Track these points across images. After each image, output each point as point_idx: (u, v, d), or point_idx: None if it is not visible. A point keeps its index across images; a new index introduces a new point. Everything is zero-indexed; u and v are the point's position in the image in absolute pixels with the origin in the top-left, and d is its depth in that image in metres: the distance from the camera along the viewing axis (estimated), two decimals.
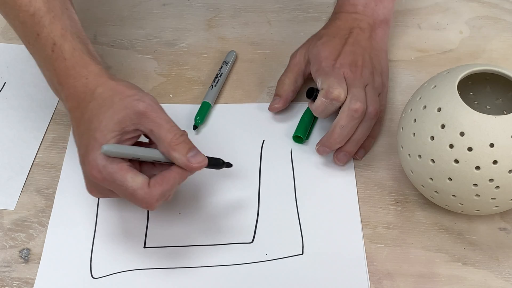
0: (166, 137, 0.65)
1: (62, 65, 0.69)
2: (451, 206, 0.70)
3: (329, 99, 0.75)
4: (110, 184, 0.64)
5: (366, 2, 0.84)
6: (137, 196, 0.64)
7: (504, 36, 0.93)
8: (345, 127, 0.75)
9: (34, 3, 0.69)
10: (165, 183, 0.65)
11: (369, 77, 0.79)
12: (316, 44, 0.82)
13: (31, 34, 0.70)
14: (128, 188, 0.63)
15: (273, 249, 0.72)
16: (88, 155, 0.64)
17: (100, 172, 0.64)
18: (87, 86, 0.68)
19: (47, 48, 0.69)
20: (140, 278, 0.70)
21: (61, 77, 0.69)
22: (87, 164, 0.64)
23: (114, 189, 0.65)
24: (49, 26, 0.69)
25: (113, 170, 0.63)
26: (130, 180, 0.64)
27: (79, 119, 0.67)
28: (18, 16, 0.70)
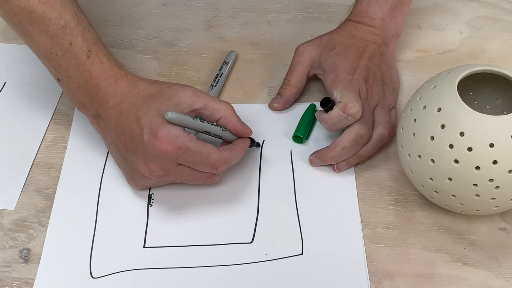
0: (221, 106, 0.72)
1: (99, 68, 0.73)
2: (451, 206, 0.70)
3: (346, 114, 0.75)
4: (184, 153, 0.68)
5: (384, 16, 0.84)
6: (210, 158, 0.70)
7: (504, 36, 0.94)
8: (346, 149, 0.76)
9: (64, 16, 0.72)
10: (233, 151, 0.72)
11: (380, 96, 0.79)
12: (331, 54, 0.82)
13: (61, 45, 0.72)
14: (203, 153, 0.69)
15: (272, 249, 0.72)
16: (157, 131, 0.68)
17: (174, 142, 0.68)
18: (129, 81, 0.73)
19: (82, 54, 0.72)
20: (139, 278, 0.70)
21: (98, 79, 0.72)
22: (158, 138, 0.67)
23: (187, 158, 0.68)
24: (82, 35, 0.73)
25: (186, 139, 0.68)
26: (203, 146, 0.69)
27: (128, 110, 0.71)
28: (47, 30, 0.72)
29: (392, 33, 0.85)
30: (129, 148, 0.71)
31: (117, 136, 0.72)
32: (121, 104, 0.71)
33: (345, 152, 0.76)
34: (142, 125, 0.69)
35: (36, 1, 0.72)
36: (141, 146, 0.69)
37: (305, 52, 0.84)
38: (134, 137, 0.70)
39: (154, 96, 0.71)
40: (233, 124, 0.73)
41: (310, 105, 0.84)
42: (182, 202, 0.76)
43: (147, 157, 0.69)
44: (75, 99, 0.75)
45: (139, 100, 0.71)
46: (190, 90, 0.72)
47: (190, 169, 0.70)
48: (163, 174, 0.70)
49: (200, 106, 0.71)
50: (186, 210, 0.75)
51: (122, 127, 0.71)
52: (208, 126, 0.72)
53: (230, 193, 0.76)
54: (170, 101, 0.70)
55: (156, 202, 0.76)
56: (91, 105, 0.74)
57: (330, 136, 0.81)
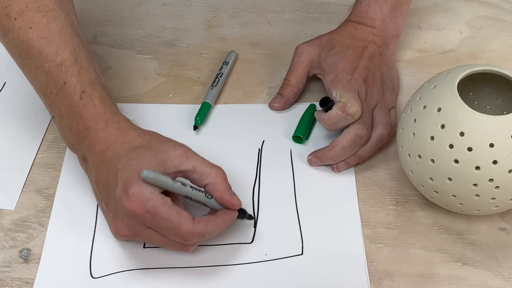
0: (211, 171, 0.67)
1: (91, 111, 0.70)
2: (451, 206, 0.70)
3: (345, 114, 0.75)
4: (152, 217, 0.64)
5: (383, 17, 0.84)
6: (180, 230, 0.64)
7: (504, 36, 0.94)
8: (345, 149, 0.76)
9: (61, 54, 0.70)
10: (209, 224, 0.66)
11: (379, 96, 0.79)
12: (330, 54, 0.82)
13: (56, 83, 0.70)
14: (173, 222, 0.64)
15: (272, 249, 0.72)
16: (129, 188, 0.64)
17: (143, 204, 0.63)
18: (120, 129, 0.69)
19: (75, 95, 0.70)
20: (139, 278, 0.70)
21: (89, 122, 0.69)
22: (128, 197, 0.64)
23: (155, 223, 0.64)
24: (77, 75, 0.70)
25: (158, 203, 0.64)
26: (175, 214, 0.64)
27: (110, 159, 0.67)
28: (43, 66, 0.70)
29: (392, 34, 0.85)
30: (103, 199, 0.68)
31: (96, 184, 0.69)
32: (106, 152, 0.68)
33: (344, 152, 0.76)
34: (118, 179, 0.65)
35: (35, 36, 0.70)
36: (113, 201, 0.66)
37: (304, 52, 0.84)
38: (109, 190, 0.67)
39: (139, 149, 0.67)
40: (220, 193, 0.67)
41: (310, 105, 0.84)
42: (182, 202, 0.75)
43: (116, 214, 0.66)
44: (66, 139, 0.73)
45: (123, 151, 0.67)
46: (181, 150, 0.67)
47: (160, 235, 0.66)
48: (130, 235, 0.67)
49: (187, 168, 0.66)
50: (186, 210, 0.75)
51: (101, 176, 0.68)
52: (190, 191, 0.66)
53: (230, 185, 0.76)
54: (155, 157, 0.66)
55: None
56: (79, 148, 0.71)
57: (330, 136, 0.81)
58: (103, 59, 0.90)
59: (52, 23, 0.70)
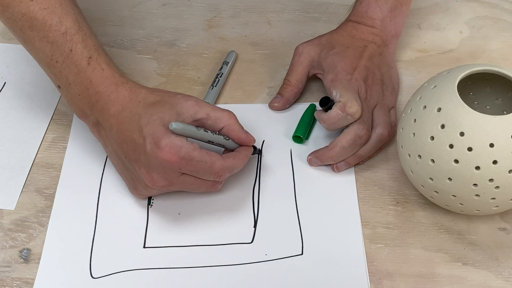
0: (224, 115, 0.72)
1: (100, 75, 0.72)
2: (451, 206, 0.70)
3: (345, 113, 0.75)
4: (187, 162, 0.68)
5: (383, 17, 0.84)
6: (214, 167, 0.69)
7: (504, 36, 0.94)
8: (345, 149, 0.76)
9: (65, 22, 0.72)
10: (236, 158, 0.72)
11: (379, 96, 0.79)
12: (330, 53, 0.82)
13: (61, 51, 0.72)
14: (207, 162, 0.69)
15: (272, 249, 0.72)
16: (160, 141, 0.67)
17: (177, 152, 0.67)
18: (131, 90, 0.72)
19: (82, 61, 0.72)
20: (139, 278, 0.70)
21: (99, 86, 0.71)
22: (161, 149, 0.67)
23: (191, 167, 0.68)
24: (83, 42, 0.72)
25: (189, 149, 0.68)
26: (206, 155, 0.69)
27: (129, 118, 0.70)
28: (47, 36, 0.71)
29: (392, 34, 0.85)
30: (131, 157, 0.70)
31: (119, 145, 0.71)
32: (122, 113, 0.70)
33: (343, 152, 0.76)
34: (145, 134, 0.68)
35: (37, 8, 0.71)
36: (144, 156, 0.68)
37: (304, 52, 0.84)
38: (137, 146, 0.69)
39: (156, 105, 0.70)
40: (236, 133, 0.72)
41: (310, 105, 0.84)
42: (182, 202, 0.76)
43: (150, 167, 0.69)
44: (75, 106, 0.74)
45: (141, 108, 0.70)
46: (192, 100, 0.71)
47: (193, 178, 0.70)
48: (166, 184, 0.70)
49: (202, 116, 0.71)
50: (186, 210, 0.75)
51: (123, 136, 0.70)
52: (211, 135, 0.71)
53: (230, 193, 0.76)
54: (173, 110, 0.69)
55: (156, 202, 0.76)
56: (91, 113, 0.73)
57: (329, 136, 0.81)
58: None
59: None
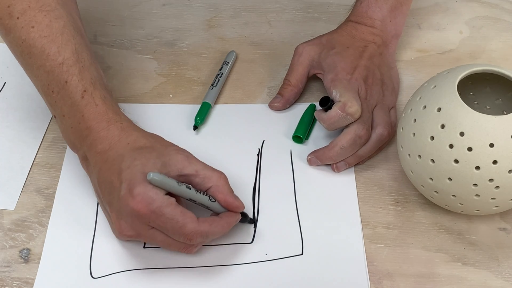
0: (213, 175, 0.68)
1: (93, 110, 0.70)
2: (451, 206, 0.70)
3: (345, 113, 0.75)
4: (157, 218, 0.64)
5: (383, 17, 0.84)
6: (185, 229, 0.65)
7: (504, 36, 0.94)
8: (345, 149, 0.76)
9: (63, 53, 0.70)
10: (213, 224, 0.67)
11: (379, 96, 0.79)
12: (330, 53, 0.82)
13: (57, 82, 0.70)
14: (179, 222, 0.64)
15: (272, 249, 0.72)
16: (134, 188, 0.64)
17: (148, 204, 0.64)
18: (122, 129, 0.70)
19: (76, 94, 0.70)
20: (140, 278, 0.70)
21: (90, 121, 0.69)
22: (134, 197, 0.64)
23: (160, 223, 0.65)
24: (79, 74, 0.70)
25: (163, 203, 0.64)
26: (180, 214, 0.65)
27: (113, 159, 0.67)
28: (45, 65, 0.70)
29: (392, 34, 0.85)
30: (106, 199, 0.68)
31: (99, 184, 0.69)
32: (108, 151, 0.68)
33: (343, 152, 0.76)
34: (122, 179, 0.65)
35: (37, 35, 0.70)
36: (117, 201, 0.66)
37: (304, 52, 0.84)
38: (112, 190, 0.66)
39: (143, 150, 0.67)
40: (224, 196, 0.68)
41: (310, 105, 0.84)
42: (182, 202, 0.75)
43: (120, 214, 0.66)
44: (67, 138, 0.73)
45: (127, 151, 0.67)
46: (184, 154, 0.68)
47: (164, 235, 0.66)
48: (134, 235, 0.67)
49: (190, 172, 0.67)
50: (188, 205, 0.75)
51: (104, 176, 0.68)
52: (194, 194, 0.67)
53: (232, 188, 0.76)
54: (159, 159, 0.66)
55: None
56: (81, 147, 0.71)
57: (329, 136, 0.81)
58: (103, 59, 0.90)
59: (54, 22, 0.70)
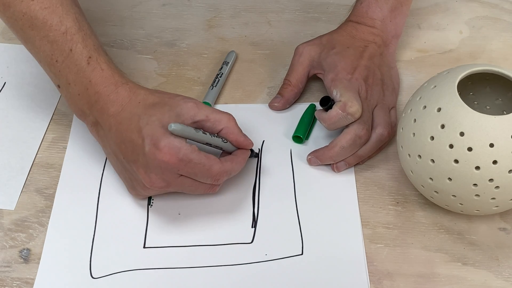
0: (223, 117, 0.72)
1: (99, 75, 0.72)
2: (451, 206, 0.70)
3: (346, 113, 0.75)
4: (186, 164, 0.68)
5: (383, 17, 0.84)
6: (212, 171, 0.69)
7: (504, 36, 0.94)
8: (345, 149, 0.76)
9: (65, 22, 0.72)
10: (234, 162, 0.72)
11: (379, 96, 0.79)
12: (330, 53, 0.82)
13: (61, 51, 0.72)
14: (206, 165, 0.69)
15: (272, 249, 0.72)
16: (159, 142, 0.67)
17: (176, 154, 0.67)
18: (130, 90, 0.72)
19: (82, 61, 0.72)
20: (139, 278, 0.70)
21: (99, 86, 0.71)
22: (160, 150, 0.67)
23: (189, 169, 0.68)
24: (83, 42, 0.72)
25: (188, 150, 0.68)
26: (205, 158, 0.69)
27: (129, 119, 0.70)
28: (48, 35, 0.71)
29: (392, 34, 0.85)
30: (129, 158, 0.70)
31: (117, 145, 0.71)
32: (121, 113, 0.70)
33: (343, 152, 0.76)
34: (144, 135, 0.68)
35: (37, 7, 0.71)
36: (142, 157, 0.68)
37: (304, 52, 0.84)
38: (135, 147, 0.69)
39: (156, 106, 0.70)
40: (235, 136, 0.72)
41: (310, 105, 0.84)
42: (182, 202, 0.76)
43: (148, 168, 0.69)
44: (74, 106, 0.74)
45: (140, 109, 0.70)
46: (192, 101, 0.71)
47: (191, 180, 0.70)
48: (164, 185, 0.70)
49: (202, 117, 0.71)
50: (186, 210, 0.75)
51: (122, 136, 0.70)
52: (209, 137, 0.71)
53: (230, 193, 0.76)
54: (172, 111, 0.69)
55: (156, 202, 0.76)
56: (90, 113, 0.73)
57: (330, 136, 0.81)
58: None
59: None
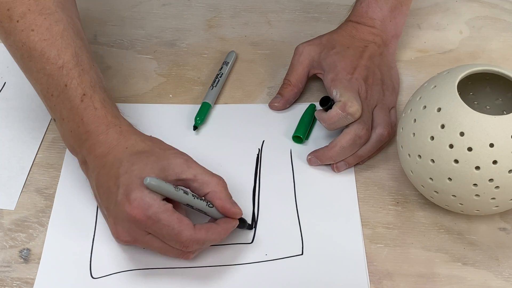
0: (212, 180, 0.67)
1: (92, 114, 0.69)
2: (451, 206, 0.70)
3: (345, 113, 0.75)
4: (153, 223, 0.64)
5: (383, 17, 0.84)
6: (181, 237, 0.64)
7: (504, 36, 0.94)
8: (345, 149, 0.76)
9: (63, 56, 0.70)
10: (210, 231, 0.66)
11: (379, 96, 0.79)
12: (330, 53, 0.82)
13: (57, 85, 0.70)
14: (175, 229, 0.64)
15: (272, 249, 0.72)
16: (131, 193, 0.64)
17: (145, 210, 0.63)
18: (121, 133, 0.69)
19: (76, 98, 0.69)
20: (139, 278, 0.70)
21: (90, 125, 0.69)
22: (130, 202, 0.64)
23: (156, 229, 0.64)
24: (79, 78, 0.70)
25: (159, 209, 0.64)
26: (176, 221, 0.64)
27: (111, 163, 0.67)
28: (45, 68, 0.70)
29: (392, 34, 0.85)
30: (104, 203, 0.68)
31: (97, 188, 0.69)
32: (107, 156, 0.68)
33: (343, 152, 0.76)
34: (119, 184, 0.65)
35: (36, 38, 0.69)
36: (114, 206, 0.66)
37: (304, 52, 0.84)
38: (110, 194, 0.66)
39: (141, 155, 0.67)
40: (222, 202, 0.67)
41: (310, 105, 0.84)
42: None
43: (117, 219, 0.66)
44: (67, 142, 0.73)
45: (125, 155, 0.67)
46: (183, 158, 0.68)
47: (160, 242, 0.66)
48: (130, 240, 0.67)
49: (188, 176, 0.67)
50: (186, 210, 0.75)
51: (102, 180, 0.68)
52: (191, 199, 0.66)
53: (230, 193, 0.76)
54: (157, 164, 0.66)
55: None
56: (80, 151, 0.71)
57: (330, 136, 0.81)
58: (103, 59, 0.90)
59: (54, 26, 0.70)
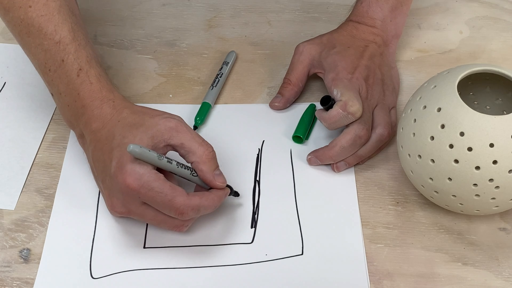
0: (198, 150, 0.68)
1: (88, 89, 0.71)
2: (451, 206, 0.70)
3: (346, 112, 0.75)
4: (147, 192, 0.65)
5: (384, 17, 0.84)
6: (175, 203, 0.65)
7: (504, 36, 0.94)
8: (345, 149, 0.76)
9: (60, 32, 0.71)
10: (204, 198, 0.67)
11: (380, 95, 0.79)
12: (331, 53, 0.82)
13: (54, 61, 0.71)
14: (168, 195, 0.65)
15: (273, 249, 0.72)
16: (124, 165, 0.65)
17: (137, 179, 0.64)
18: (114, 107, 0.71)
19: (72, 73, 0.71)
20: (140, 278, 0.70)
21: (85, 100, 0.71)
22: (123, 173, 0.65)
23: (150, 198, 0.65)
24: (75, 53, 0.71)
25: (151, 178, 0.65)
26: (169, 188, 0.65)
27: (105, 137, 0.69)
28: (42, 44, 0.71)
29: (392, 34, 0.85)
30: (99, 177, 0.70)
31: (93, 162, 0.71)
32: (101, 130, 0.70)
33: (343, 152, 0.76)
34: (112, 156, 0.67)
35: (34, 14, 0.71)
36: (108, 179, 0.67)
37: (305, 51, 0.84)
38: (105, 167, 0.68)
39: (132, 127, 0.68)
40: (203, 173, 0.68)
41: (310, 105, 0.84)
42: None
43: (111, 191, 0.68)
44: (64, 116, 0.74)
45: (117, 129, 0.68)
46: (172, 123, 0.68)
47: (155, 211, 0.67)
48: (125, 211, 0.68)
49: (176, 143, 0.67)
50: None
51: (97, 154, 0.70)
52: (175, 168, 0.67)
53: None
54: (146, 133, 0.67)
55: None
56: (77, 125, 0.73)
57: (330, 136, 0.81)
58: (103, 59, 0.90)
59: (51, 2, 0.72)
